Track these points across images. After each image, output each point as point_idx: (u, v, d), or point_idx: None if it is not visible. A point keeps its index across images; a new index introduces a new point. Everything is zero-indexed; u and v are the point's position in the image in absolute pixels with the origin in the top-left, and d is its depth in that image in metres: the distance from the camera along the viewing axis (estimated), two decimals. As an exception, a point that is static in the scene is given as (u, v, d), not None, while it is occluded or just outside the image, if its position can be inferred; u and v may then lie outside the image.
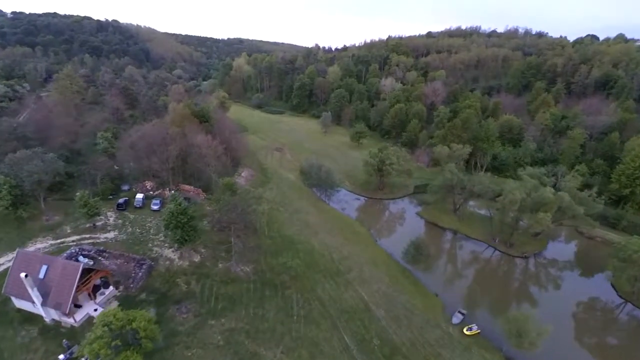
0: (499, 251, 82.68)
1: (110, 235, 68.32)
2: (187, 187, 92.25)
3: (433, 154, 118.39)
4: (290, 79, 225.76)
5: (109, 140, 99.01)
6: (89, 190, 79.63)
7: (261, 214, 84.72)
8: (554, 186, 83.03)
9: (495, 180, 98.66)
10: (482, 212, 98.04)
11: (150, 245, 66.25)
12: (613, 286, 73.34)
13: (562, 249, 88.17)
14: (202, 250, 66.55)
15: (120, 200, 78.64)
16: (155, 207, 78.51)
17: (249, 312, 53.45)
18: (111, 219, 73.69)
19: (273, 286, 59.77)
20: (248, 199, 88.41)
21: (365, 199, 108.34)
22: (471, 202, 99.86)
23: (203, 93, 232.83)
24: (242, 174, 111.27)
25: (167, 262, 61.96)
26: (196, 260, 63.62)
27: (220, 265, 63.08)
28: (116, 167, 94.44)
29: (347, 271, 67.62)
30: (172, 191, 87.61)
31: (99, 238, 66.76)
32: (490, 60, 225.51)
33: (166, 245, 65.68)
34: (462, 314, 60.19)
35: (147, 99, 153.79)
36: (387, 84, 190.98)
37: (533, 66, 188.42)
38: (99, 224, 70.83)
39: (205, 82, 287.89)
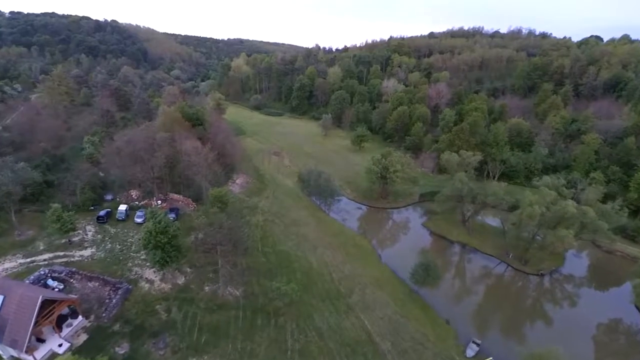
0: (513, 267, 76.39)
1: (87, 252, 61.78)
2: (176, 196, 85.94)
3: (439, 159, 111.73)
4: (290, 80, 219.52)
5: (96, 145, 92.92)
6: (69, 201, 73.72)
7: (255, 226, 78.41)
8: (572, 197, 76.37)
9: (508, 189, 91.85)
10: (493, 223, 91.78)
11: (130, 264, 59.69)
12: (637, 307, 67.20)
13: (579, 265, 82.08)
14: (188, 270, 60.00)
15: (102, 212, 72.02)
16: (140, 220, 71.74)
17: (236, 347, 46.87)
18: (90, 234, 67.03)
19: (265, 313, 53.18)
20: (241, 210, 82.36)
21: (367, 208, 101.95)
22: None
23: (201, 94, 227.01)
24: (237, 181, 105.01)
25: (148, 285, 55.47)
26: (180, 282, 57.10)
27: (206, 288, 56.54)
28: (101, 174, 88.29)
29: (349, 294, 61.10)
30: (159, 201, 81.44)
31: (73, 256, 60.15)
32: (494, 61, 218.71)
33: (147, 264, 59.03)
34: (477, 344, 53.76)
35: (139, 101, 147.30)
36: (389, 85, 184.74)
37: (539, 67, 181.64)
38: (75, 239, 64.25)
39: (203, 83, 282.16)
